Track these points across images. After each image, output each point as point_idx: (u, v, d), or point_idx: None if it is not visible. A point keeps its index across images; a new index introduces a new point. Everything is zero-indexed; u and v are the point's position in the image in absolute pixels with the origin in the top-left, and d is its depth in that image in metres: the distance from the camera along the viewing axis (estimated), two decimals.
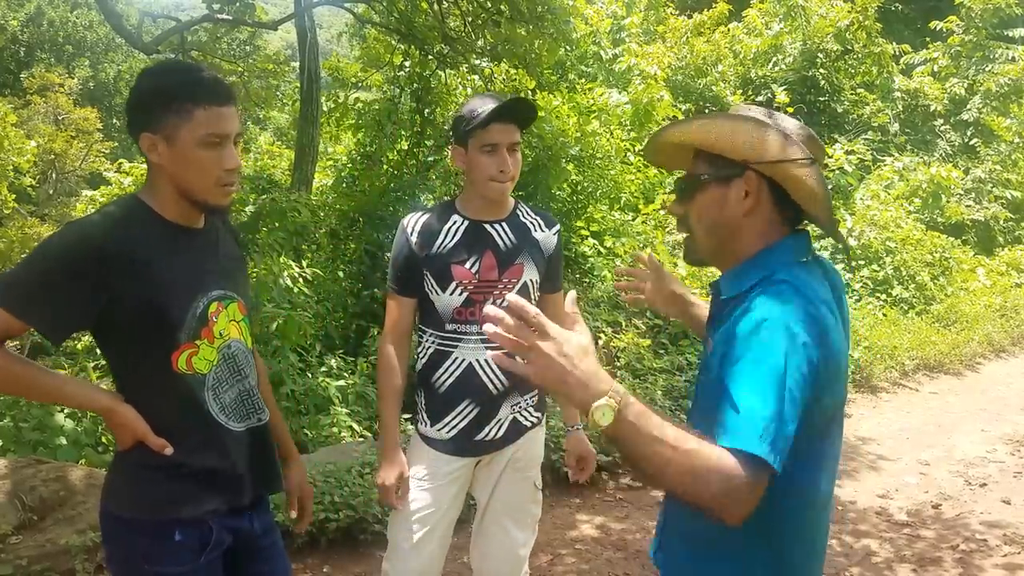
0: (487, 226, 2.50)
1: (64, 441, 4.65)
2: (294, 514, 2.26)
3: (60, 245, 1.73)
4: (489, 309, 1.27)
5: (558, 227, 2.64)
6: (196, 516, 1.85)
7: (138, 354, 1.81)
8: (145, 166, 1.95)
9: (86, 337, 8.54)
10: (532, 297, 2.53)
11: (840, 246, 1.76)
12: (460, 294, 2.44)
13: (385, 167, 8.90)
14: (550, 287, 2.63)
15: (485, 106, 2.38)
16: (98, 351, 5.66)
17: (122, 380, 1.87)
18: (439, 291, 2.46)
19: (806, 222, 1.61)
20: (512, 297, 1.30)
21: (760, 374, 1.35)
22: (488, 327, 1.26)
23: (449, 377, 2.47)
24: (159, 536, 1.83)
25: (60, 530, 3.69)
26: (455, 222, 2.50)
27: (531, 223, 2.57)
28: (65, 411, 4.87)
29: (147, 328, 1.78)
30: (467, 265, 2.44)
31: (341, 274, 7.84)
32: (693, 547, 1.60)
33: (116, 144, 23.20)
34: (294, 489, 2.26)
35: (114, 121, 26.55)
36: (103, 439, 5.04)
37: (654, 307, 2.15)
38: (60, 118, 20.58)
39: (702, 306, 2.03)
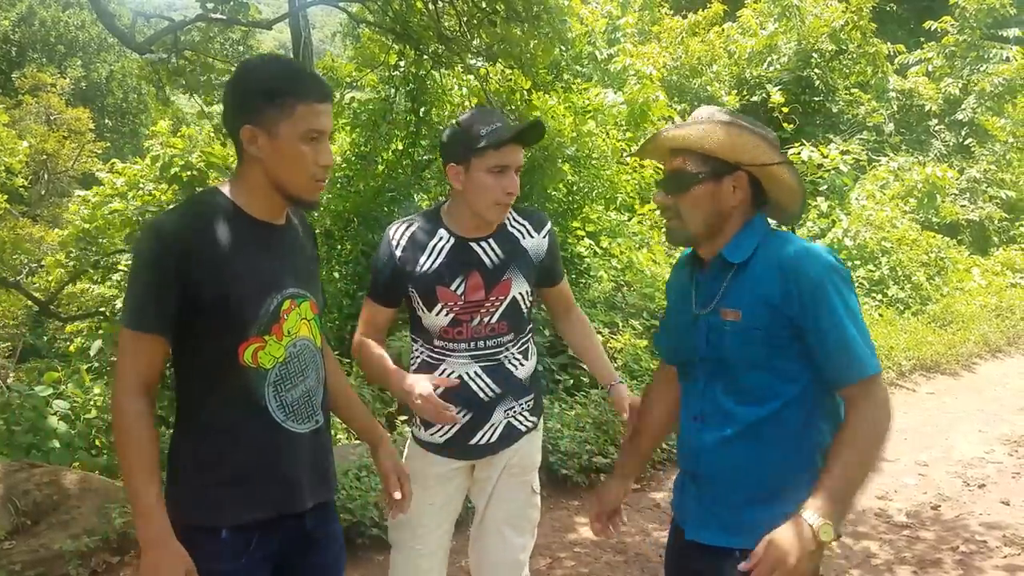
0: (473, 244, 2.41)
1: (57, 444, 4.62)
2: (398, 495, 2.19)
3: (149, 252, 1.79)
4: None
5: (548, 226, 2.56)
6: (245, 522, 1.85)
7: (207, 344, 1.82)
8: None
9: (78, 338, 8.51)
10: (523, 307, 2.46)
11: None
12: (446, 315, 2.38)
13: (380, 167, 8.86)
14: (551, 281, 2.59)
15: (492, 125, 2.30)
16: (91, 353, 5.66)
17: (184, 369, 1.87)
18: (425, 310, 2.41)
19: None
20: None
21: (847, 305, 1.77)
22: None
23: (439, 387, 2.43)
24: (205, 533, 1.83)
25: (54, 535, 3.66)
26: (441, 239, 2.41)
27: (520, 231, 2.49)
28: (58, 413, 4.84)
29: (221, 320, 1.80)
30: (452, 287, 2.37)
31: (336, 275, 7.81)
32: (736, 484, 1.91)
33: (108, 144, 23.15)
34: (390, 470, 2.21)
35: (106, 121, 26.50)
36: (97, 442, 5.01)
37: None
38: (52, 118, 20.52)
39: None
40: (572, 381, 6.41)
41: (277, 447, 1.89)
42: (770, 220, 1.98)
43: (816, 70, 14.69)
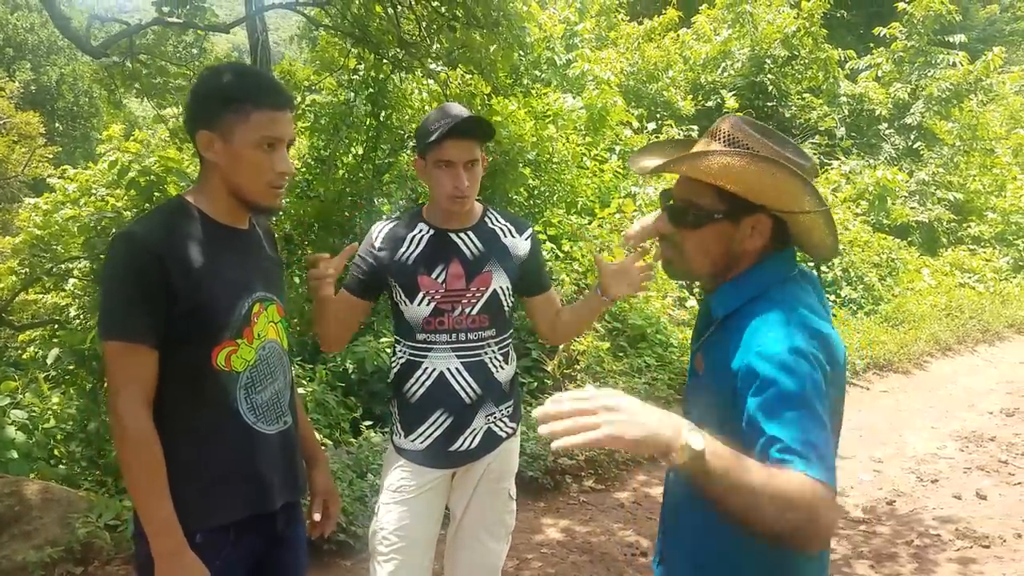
0: (453, 235, 2.48)
1: (15, 454, 4.53)
2: (317, 517, 2.22)
3: (128, 262, 1.77)
4: (540, 412, 1.25)
5: (531, 231, 2.61)
6: (220, 524, 1.87)
7: (181, 349, 1.82)
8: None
9: (31, 348, 8.34)
10: (504, 304, 2.51)
11: (815, 268, 1.79)
12: (428, 304, 2.43)
13: (340, 172, 8.82)
14: (535, 289, 2.63)
15: (442, 121, 2.35)
16: (47, 362, 5.56)
17: (160, 374, 1.85)
18: (407, 301, 2.45)
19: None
20: (561, 397, 1.26)
21: (797, 401, 1.36)
22: (543, 428, 1.23)
23: (420, 387, 2.46)
24: None
25: (16, 546, 3.60)
26: (420, 231, 2.49)
27: (501, 229, 2.55)
28: (16, 423, 4.75)
29: (195, 325, 1.81)
30: (433, 275, 2.43)
31: (297, 280, 7.75)
32: (697, 562, 1.61)
33: (60, 149, 22.69)
34: (320, 492, 2.24)
35: (57, 125, 25.98)
36: (55, 451, 4.92)
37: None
38: (2, 122, 20.06)
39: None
40: (536, 384, 6.45)
41: (249, 449, 1.91)
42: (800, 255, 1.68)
43: (769, 76, 14.94)
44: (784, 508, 1.25)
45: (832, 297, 10.45)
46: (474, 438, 2.48)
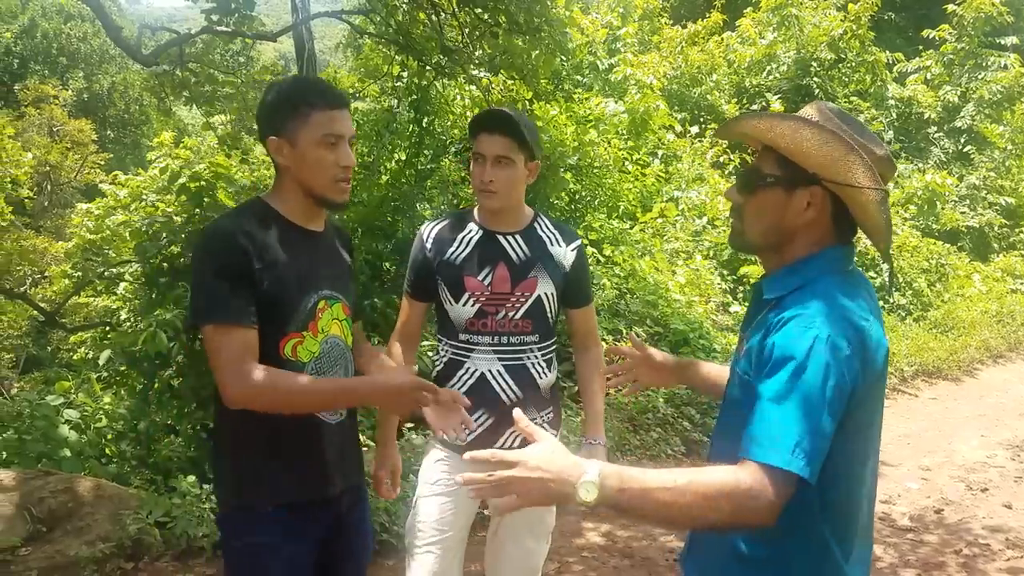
0: (501, 237, 2.50)
1: (68, 453, 4.64)
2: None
3: (216, 251, 1.91)
4: (459, 479, 1.39)
5: (578, 242, 2.61)
6: (287, 503, 2.00)
7: None
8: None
9: (83, 349, 8.54)
10: (548, 311, 2.52)
11: (888, 270, 1.74)
12: (472, 305, 2.45)
13: (384, 177, 8.90)
14: (575, 302, 2.62)
15: (481, 117, 2.44)
16: (99, 363, 5.69)
17: None
18: (452, 301, 2.47)
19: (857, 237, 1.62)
20: (471, 455, 1.42)
21: (798, 386, 1.38)
22: (467, 490, 1.36)
23: (463, 387, 2.48)
24: (251, 511, 2.00)
25: (69, 541, 3.69)
26: (470, 231, 2.51)
27: (548, 237, 2.56)
28: (69, 422, 4.87)
29: (265, 315, 1.92)
30: (479, 277, 2.45)
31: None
32: (723, 556, 1.60)
33: (111, 155, 23.18)
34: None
35: (108, 132, 26.56)
36: (106, 450, 5.04)
37: (654, 386, 2.18)
38: (55, 130, 20.59)
39: (704, 364, 2.08)
40: (576, 388, 6.44)
41: (312, 435, 2.04)
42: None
43: (815, 79, 14.77)
44: (705, 509, 1.34)
45: (880, 303, 10.29)
46: (516, 438, 2.49)
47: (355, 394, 2.04)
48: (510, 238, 2.50)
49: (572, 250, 2.58)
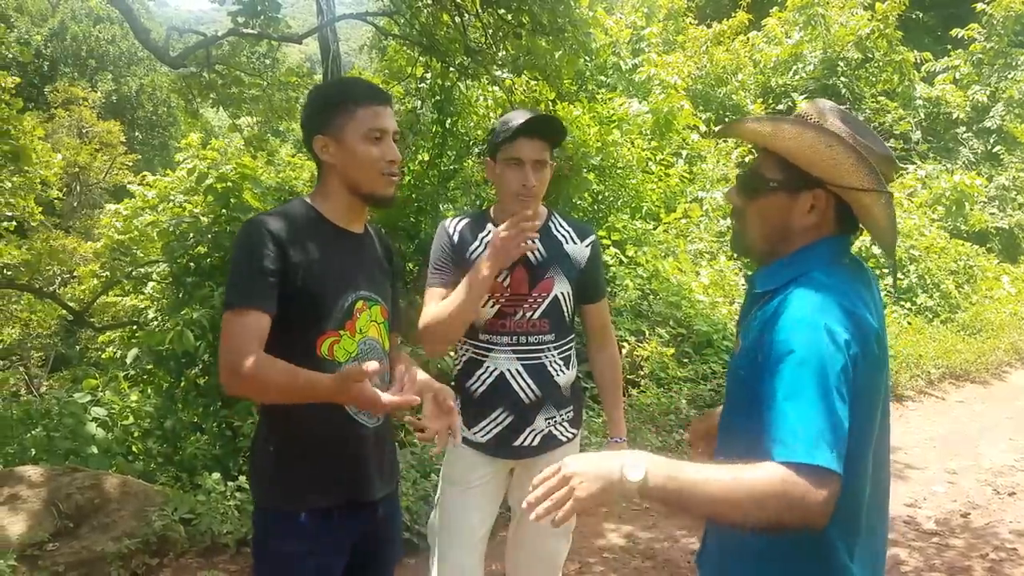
0: None
1: (95, 450, 4.71)
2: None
3: (249, 241, 1.93)
4: (525, 503, 1.48)
5: (593, 238, 2.63)
6: (321, 507, 2.00)
7: (288, 336, 1.93)
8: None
9: (110, 348, 8.65)
10: (565, 310, 2.53)
11: (891, 267, 1.72)
12: (492, 306, 2.47)
13: (407, 178, 8.94)
14: (589, 297, 2.63)
15: (516, 120, 2.41)
16: (126, 361, 5.77)
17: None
18: None
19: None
20: (540, 481, 1.47)
21: (805, 379, 1.37)
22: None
23: (482, 385, 2.50)
24: (284, 517, 1.99)
25: (96, 537, 3.75)
26: (488, 232, 2.53)
27: (563, 235, 2.58)
28: (96, 420, 4.94)
29: (300, 312, 1.93)
30: (498, 278, 2.46)
31: None
32: (739, 553, 1.60)
33: (139, 157, 23.43)
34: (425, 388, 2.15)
35: (136, 134, 26.83)
36: (133, 448, 5.10)
37: None
38: (84, 131, 20.84)
39: None
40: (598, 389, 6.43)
41: (350, 437, 2.03)
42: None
43: (842, 78, 14.65)
44: (754, 506, 1.32)
45: (908, 305, 10.20)
46: (536, 436, 2.51)
47: (315, 390, 1.87)
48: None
49: (587, 246, 2.60)
